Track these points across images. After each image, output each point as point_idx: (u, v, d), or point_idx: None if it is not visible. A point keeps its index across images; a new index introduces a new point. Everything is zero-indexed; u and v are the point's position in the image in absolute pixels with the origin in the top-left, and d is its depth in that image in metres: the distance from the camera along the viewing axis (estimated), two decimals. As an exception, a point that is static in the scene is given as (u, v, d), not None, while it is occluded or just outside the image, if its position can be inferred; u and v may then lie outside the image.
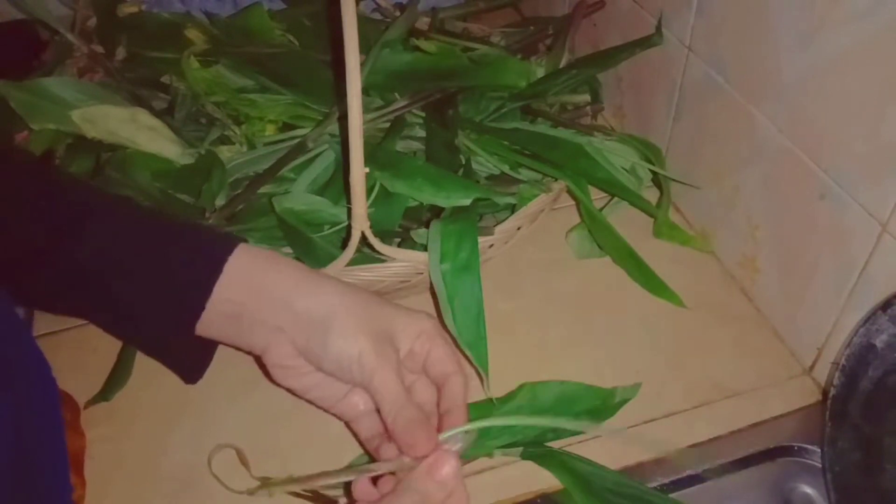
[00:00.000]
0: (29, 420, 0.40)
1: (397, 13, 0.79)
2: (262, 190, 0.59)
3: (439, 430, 0.40)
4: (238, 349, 0.42)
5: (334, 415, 0.44)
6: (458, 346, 0.48)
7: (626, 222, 0.62)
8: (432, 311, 0.59)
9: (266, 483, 0.47)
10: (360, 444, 0.44)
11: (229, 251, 0.40)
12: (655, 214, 0.63)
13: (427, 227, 0.57)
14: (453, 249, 0.50)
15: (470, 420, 0.40)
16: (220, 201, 0.58)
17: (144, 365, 0.55)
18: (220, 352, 0.56)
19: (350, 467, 0.46)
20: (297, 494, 0.48)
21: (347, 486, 0.42)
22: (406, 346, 0.41)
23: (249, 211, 0.58)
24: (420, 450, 0.38)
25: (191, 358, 0.45)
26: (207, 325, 0.40)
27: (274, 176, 0.59)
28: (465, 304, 0.49)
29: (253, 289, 0.39)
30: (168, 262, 0.40)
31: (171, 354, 0.44)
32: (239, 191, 0.58)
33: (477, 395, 0.52)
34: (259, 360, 0.42)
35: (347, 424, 0.45)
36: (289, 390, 0.42)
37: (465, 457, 0.49)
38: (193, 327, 0.40)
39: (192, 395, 0.54)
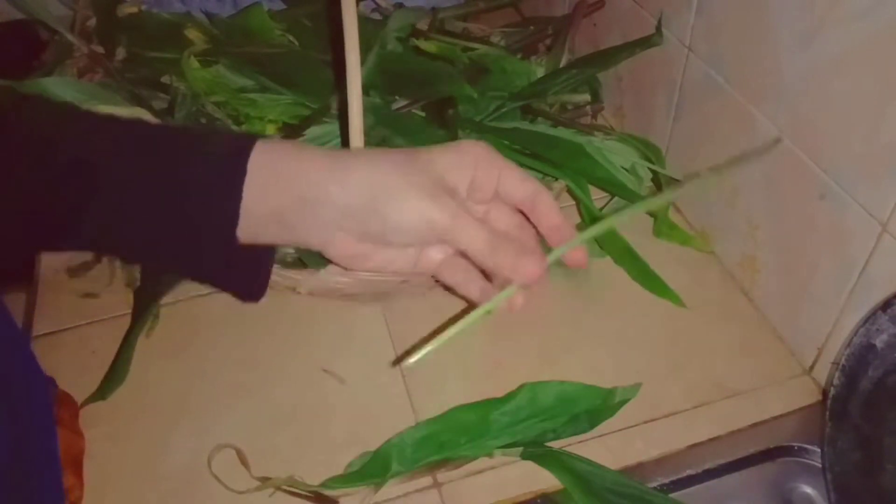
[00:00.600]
0: (22, 425, 0.40)
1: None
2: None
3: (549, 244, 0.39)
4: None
5: (414, 276, 0.42)
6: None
7: (627, 222, 0.62)
8: (432, 312, 0.59)
9: (266, 482, 0.48)
10: (447, 289, 0.42)
11: (249, 150, 0.37)
12: (655, 214, 0.63)
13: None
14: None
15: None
16: None
17: (145, 365, 0.55)
18: (221, 351, 0.56)
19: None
20: (298, 494, 0.48)
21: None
22: (464, 181, 0.38)
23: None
24: (533, 276, 0.36)
25: (247, 273, 0.41)
26: (252, 232, 0.38)
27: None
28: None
29: (284, 186, 0.37)
30: (190, 179, 0.37)
31: (222, 272, 0.41)
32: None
33: (478, 395, 0.52)
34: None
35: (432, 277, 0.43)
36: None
37: (466, 456, 0.49)
38: (234, 237, 0.37)
39: (192, 395, 0.54)
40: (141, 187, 0.37)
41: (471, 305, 0.38)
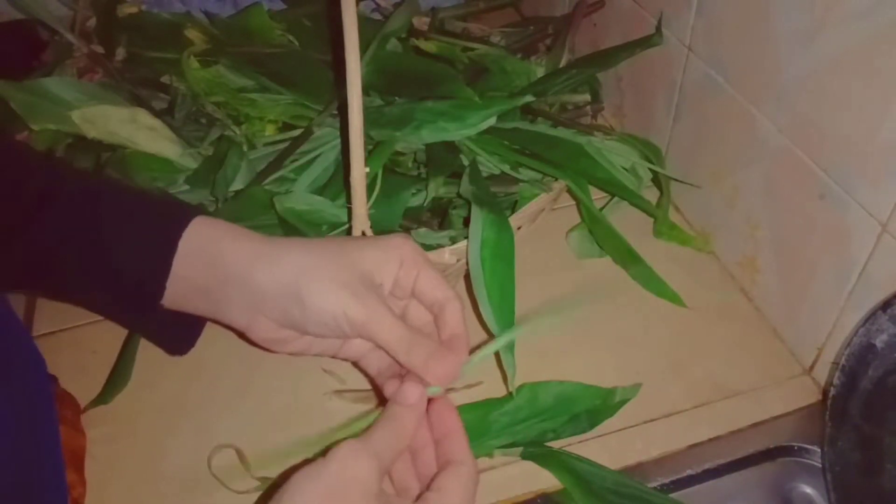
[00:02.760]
0: (25, 413, 0.40)
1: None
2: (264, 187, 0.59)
3: None
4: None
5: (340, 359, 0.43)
6: (489, 332, 0.48)
7: (626, 222, 0.62)
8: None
9: (266, 482, 0.48)
10: (369, 380, 0.43)
11: (184, 225, 0.38)
12: (655, 214, 0.63)
13: (426, 227, 0.57)
14: (494, 238, 0.51)
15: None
16: (236, 186, 0.58)
17: (145, 365, 0.55)
18: (220, 351, 0.56)
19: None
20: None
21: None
22: (389, 279, 0.39)
23: (250, 207, 0.58)
24: (445, 379, 0.37)
25: (170, 332, 0.43)
26: (178, 302, 0.39)
27: (280, 165, 0.59)
28: (502, 292, 0.49)
29: (212, 265, 0.38)
30: (126, 242, 0.39)
31: (148, 329, 0.43)
32: (241, 187, 0.59)
33: (478, 395, 0.52)
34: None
35: (354, 364, 0.44)
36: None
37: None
38: (157, 305, 0.39)
39: (193, 396, 0.54)
40: (74, 238, 0.38)
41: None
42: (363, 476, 0.32)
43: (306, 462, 0.33)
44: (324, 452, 0.33)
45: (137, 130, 0.62)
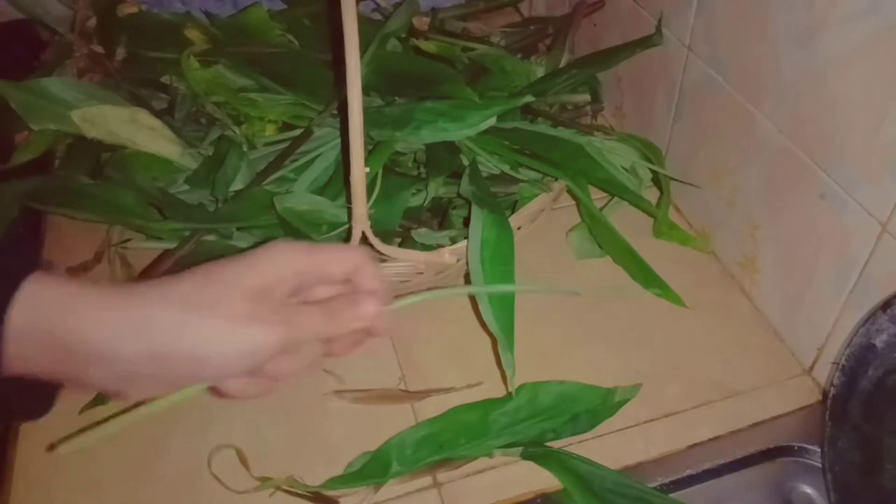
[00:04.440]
0: None
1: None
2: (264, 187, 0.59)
3: None
4: None
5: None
6: (489, 332, 0.48)
7: (626, 222, 0.62)
8: (431, 311, 0.59)
9: (266, 482, 0.48)
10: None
11: (10, 293, 0.30)
12: (655, 214, 0.63)
13: (426, 227, 0.57)
14: (494, 238, 0.51)
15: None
16: (236, 186, 0.58)
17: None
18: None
19: None
20: (298, 494, 0.48)
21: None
22: (284, 285, 0.34)
23: (250, 207, 0.58)
24: (373, 313, 0.34)
25: (26, 399, 0.37)
26: (29, 372, 0.31)
27: (280, 165, 0.59)
28: (502, 292, 0.49)
29: (61, 346, 0.30)
30: None
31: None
32: (241, 187, 0.59)
33: (478, 395, 0.52)
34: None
35: None
36: None
37: (466, 456, 0.49)
38: None
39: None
40: None
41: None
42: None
43: None
44: None
45: (137, 130, 0.62)
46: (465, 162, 0.60)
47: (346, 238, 0.49)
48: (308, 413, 0.53)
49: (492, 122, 0.55)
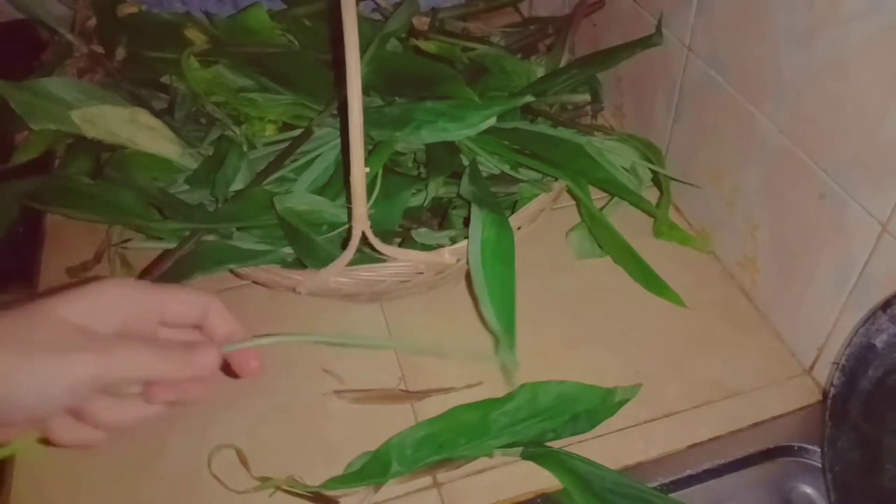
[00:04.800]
0: None
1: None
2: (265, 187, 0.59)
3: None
4: None
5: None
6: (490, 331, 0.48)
7: (626, 222, 0.62)
8: (431, 311, 0.59)
9: (266, 482, 0.48)
10: None
11: None
12: (655, 214, 0.63)
13: (426, 227, 0.57)
14: (494, 238, 0.51)
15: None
16: (236, 186, 0.58)
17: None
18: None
19: None
20: (298, 494, 0.48)
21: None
22: (109, 321, 0.32)
23: (250, 207, 0.58)
24: (210, 364, 0.33)
25: None
26: None
27: (280, 165, 0.59)
28: (502, 292, 0.49)
29: None
30: None
31: None
32: (241, 187, 0.59)
33: (478, 395, 0.52)
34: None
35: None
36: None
37: (466, 456, 0.49)
38: None
39: (192, 395, 0.54)
40: None
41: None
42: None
43: None
44: None
45: (137, 130, 0.62)
46: (465, 162, 0.60)
47: (347, 238, 0.49)
48: (308, 413, 0.53)
49: (492, 122, 0.55)
